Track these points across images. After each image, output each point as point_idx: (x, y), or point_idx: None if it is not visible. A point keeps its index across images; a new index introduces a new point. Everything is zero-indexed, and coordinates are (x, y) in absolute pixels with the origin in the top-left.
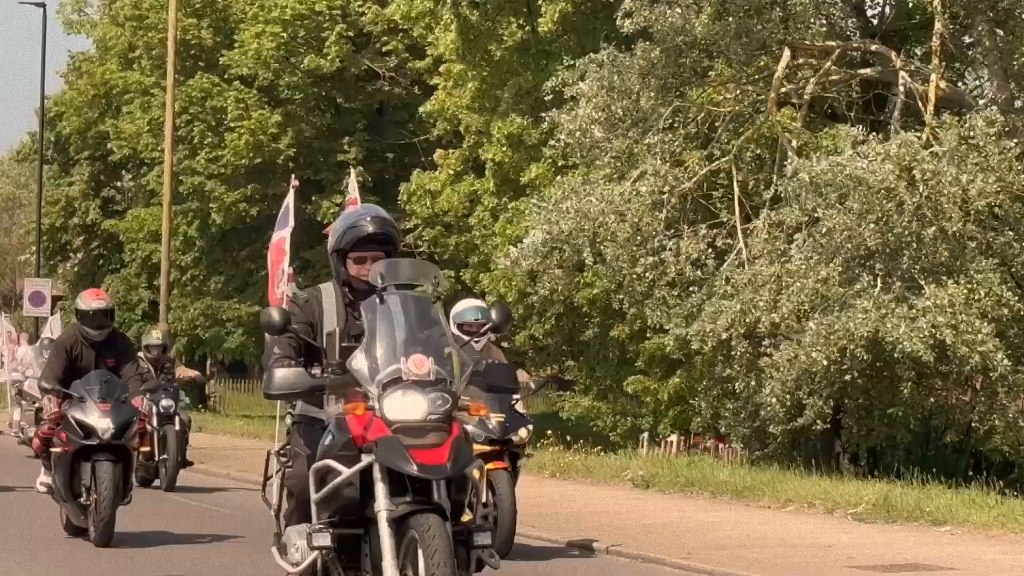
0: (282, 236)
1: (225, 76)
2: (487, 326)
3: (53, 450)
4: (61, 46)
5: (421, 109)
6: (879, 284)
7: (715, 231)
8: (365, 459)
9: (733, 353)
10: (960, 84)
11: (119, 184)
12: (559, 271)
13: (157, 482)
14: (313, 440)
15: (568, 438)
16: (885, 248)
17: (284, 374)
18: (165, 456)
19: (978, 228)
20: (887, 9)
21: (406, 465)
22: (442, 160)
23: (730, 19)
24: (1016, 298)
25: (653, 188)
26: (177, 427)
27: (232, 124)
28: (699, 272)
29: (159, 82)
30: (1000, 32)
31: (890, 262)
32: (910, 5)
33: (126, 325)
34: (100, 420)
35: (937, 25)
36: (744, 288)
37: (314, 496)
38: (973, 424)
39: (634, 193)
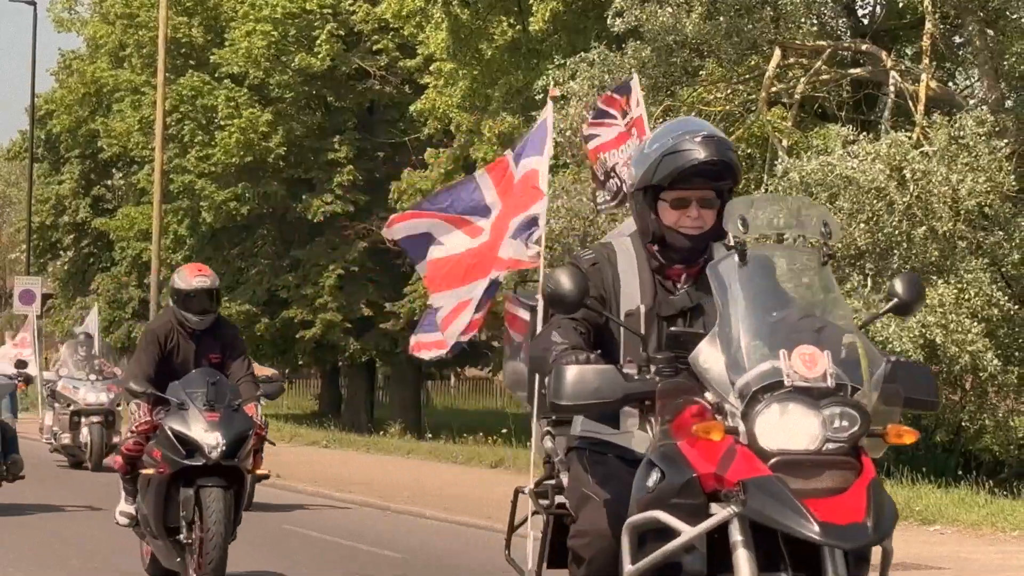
0: (533, 168)
1: (216, 74)
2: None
3: (143, 472)
4: (52, 44)
5: (412, 108)
6: (869, 284)
7: None
8: (720, 511)
9: None
10: (950, 84)
11: (109, 182)
12: (548, 270)
13: None
14: (608, 477)
15: None
16: (875, 247)
17: (584, 374)
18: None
19: (968, 228)
20: (878, 9)
21: (800, 522)
22: (433, 159)
23: (721, 18)
24: (1006, 298)
25: None
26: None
27: (222, 122)
28: None
29: (150, 80)
30: (990, 32)
31: (880, 261)
32: (900, 5)
33: (115, 324)
34: (207, 434)
35: (927, 25)
36: None
37: (628, 568)
38: (963, 423)
39: None
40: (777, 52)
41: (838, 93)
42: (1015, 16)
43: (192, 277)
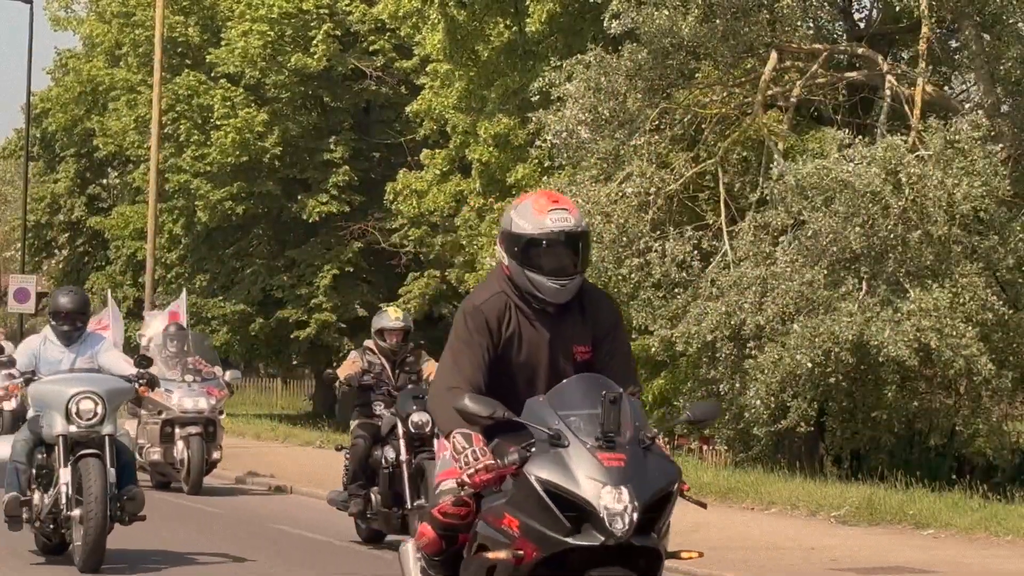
0: None
1: (212, 74)
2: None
3: (481, 555)
4: (48, 43)
5: (408, 109)
6: (864, 287)
7: (701, 233)
8: None
9: (718, 355)
10: (946, 88)
11: (105, 181)
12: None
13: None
14: None
15: None
16: (870, 251)
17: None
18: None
19: (963, 232)
20: (874, 12)
21: None
22: (428, 160)
23: (717, 21)
24: (1000, 302)
25: (639, 189)
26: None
27: (218, 122)
28: (684, 274)
29: (146, 79)
30: (987, 36)
31: (875, 265)
32: (897, 9)
33: None
34: (607, 492)
35: (924, 29)
36: (729, 290)
37: None
38: (957, 427)
39: (620, 194)
40: (773, 55)
41: (834, 96)
42: (1011, 21)
43: (545, 213)
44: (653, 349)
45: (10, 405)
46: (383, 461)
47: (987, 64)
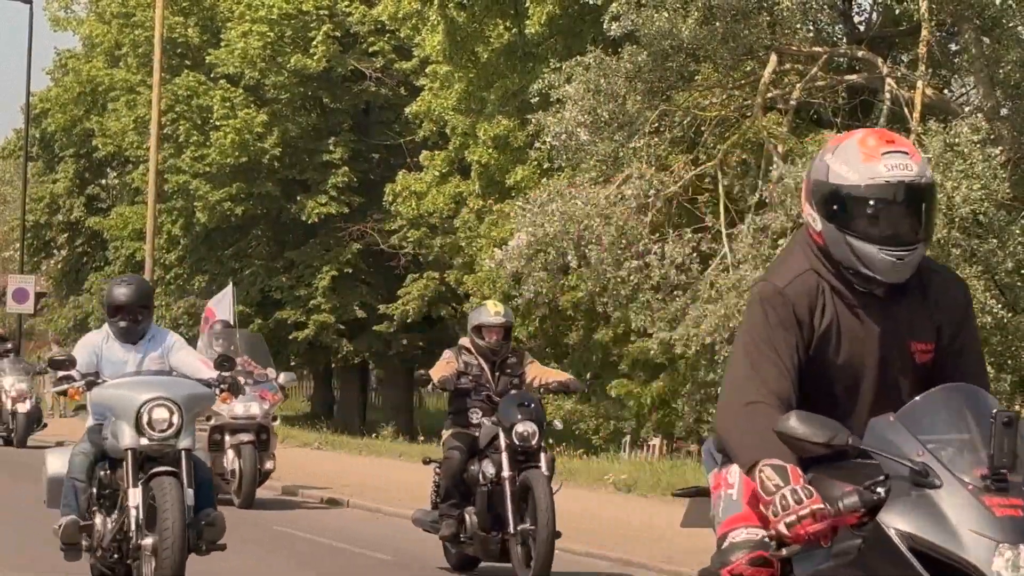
0: None
1: (211, 75)
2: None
3: None
4: (47, 43)
5: (407, 110)
6: None
7: (700, 235)
8: None
9: (717, 357)
10: (946, 91)
11: (104, 182)
12: (543, 273)
13: None
14: None
15: (550, 441)
16: None
17: None
18: None
19: (962, 235)
20: (874, 15)
21: None
22: (427, 161)
23: (717, 23)
24: (1000, 305)
25: (638, 191)
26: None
27: (218, 123)
28: (683, 276)
29: (145, 80)
30: (986, 40)
31: None
32: (897, 12)
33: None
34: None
35: (924, 32)
36: (728, 292)
37: None
38: None
39: (619, 196)
40: (773, 58)
41: (834, 99)
42: (1011, 24)
43: (877, 158)
44: (652, 351)
45: (24, 407)
46: (481, 477)
47: (987, 67)
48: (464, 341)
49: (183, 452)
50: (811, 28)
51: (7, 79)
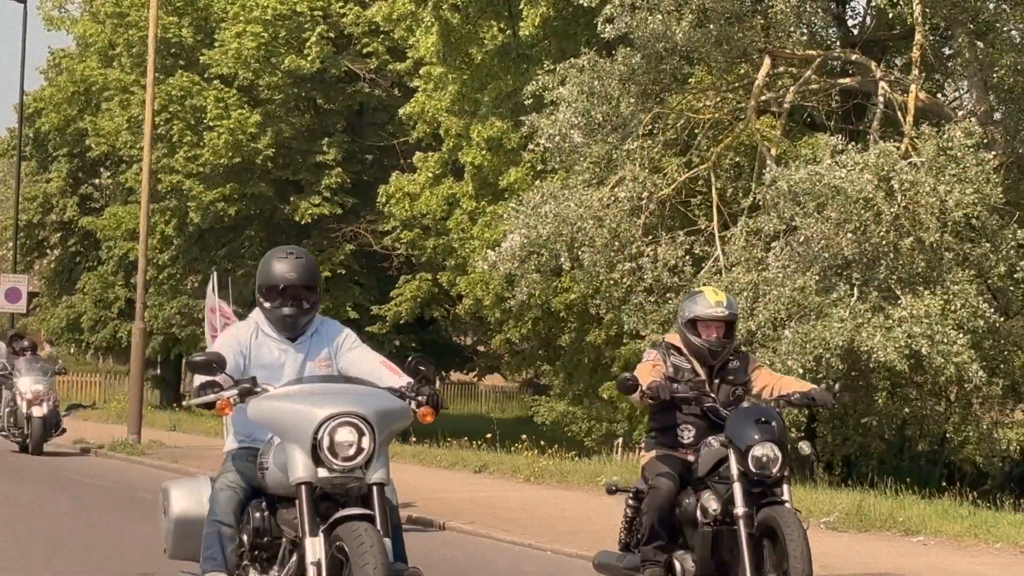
0: None
1: (205, 75)
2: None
3: None
4: (41, 42)
5: (401, 111)
6: (856, 293)
7: (693, 238)
8: None
9: None
10: (939, 95)
11: (97, 181)
12: (536, 275)
13: None
14: None
15: (542, 443)
16: (862, 258)
17: None
18: None
19: (955, 239)
20: (868, 19)
21: None
22: (421, 162)
23: (711, 26)
24: (992, 309)
25: (631, 194)
26: None
27: (211, 123)
28: (676, 279)
29: (139, 80)
30: (980, 44)
31: (867, 272)
32: (891, 15)
33: (101, 323)
34: None
35: (917, 36)
36: None
37: None
38: (947, 434)
39: (612, 199)
40: (767, 60)
41: (827, 102)
42: (1004, 28)
43: None
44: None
45: (41, 411)
46: (699, 513)
47: (980, 71)
48: (672, 338)
49: (374, 488)
50: (805, 31)
51: (1, 78)
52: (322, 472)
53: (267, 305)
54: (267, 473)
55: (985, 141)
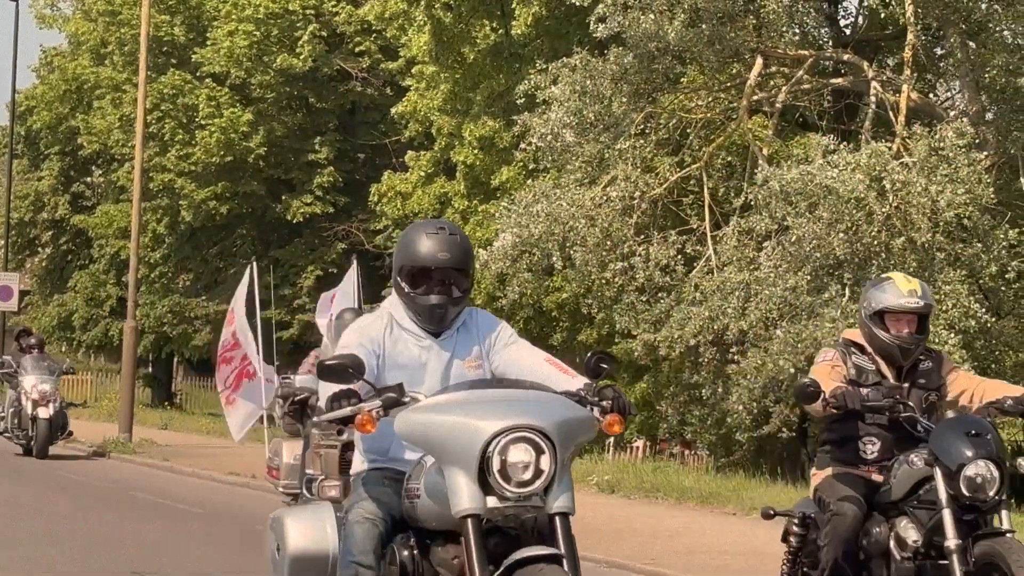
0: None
1: (197, 74)
2: None
3: None
4: (33, 40)
5: (393, 110)
6: (847, 293)
7: (685, 237)
8: None
9: (700, 360)
10: (931, 95)
11: (89, 180)
12: (528, 274)
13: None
14: None
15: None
16: (854, 257)
17: None
18: None
19: (947, 239)
20: (860, 19)
21: None
22: (413, 161)
23: (703, 26)
24: (983, 310)
25: (623, 193)
26: None
27: (203, 121)
28: (668, 278)
29: (131, 78)
30: (972, 44)
31: (859, 271)
32: (883, 16)
33: (93, 322)
34: None
35: (909, 36)
36: (713, 295)
37: None
38: None
39: (604, 198)
40: (759, 60)
41: (819, 102)
42: (996, 29)
43: None
44: (636, 353)
45: (47, 412)
46: (894, 545)
47: (972, 71)
48: (851, 334)
49: (557, 519)
50: (797, 31)
51: None
52: (492, 501)
53: (410, 291)
54: (418, 503)
55: (977, 141)
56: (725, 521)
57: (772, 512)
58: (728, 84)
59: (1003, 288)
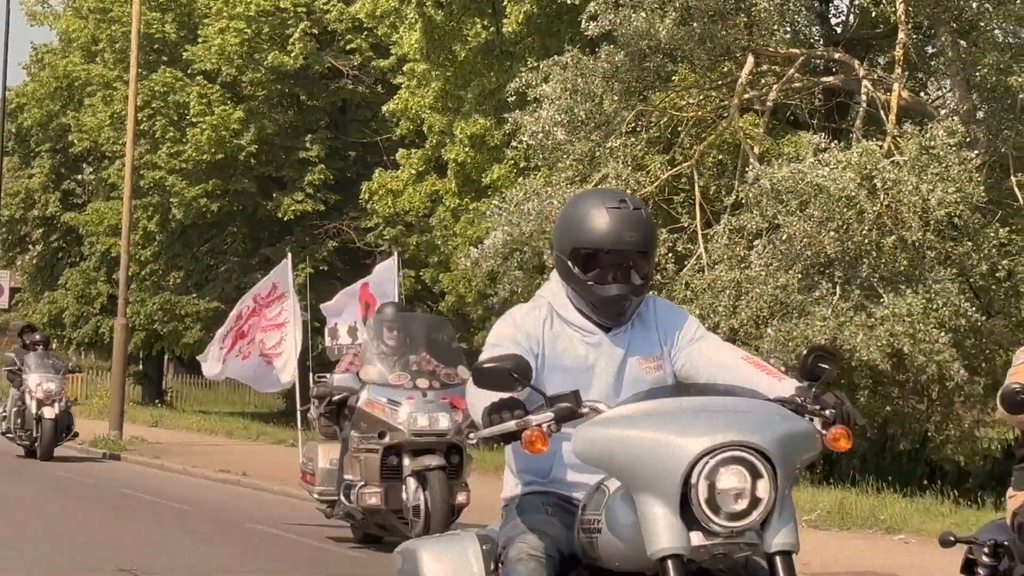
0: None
1: (188, 71)
2: None
3: None
4: (24, 37)
5: (384, 108)
6: (838, 292)
7: (676, 236)
8: None
9: None
10: (922, 94)
11: (80, 177)
12: (519, 273)
13: None
14: None
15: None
16: (844, 256)
17: None
18: None
19: (937, 238)
20: (851, 17)
21: None
22: (404, 159)
23: (694, 24)
24: (973, 308)
25: None
26: None
27: (194, 119)
28: (659, 276)
29: (122, 76)
30: (963, 43)
31: (849, 270)
32: (874, 14)
33: (83, 319)
34: None
35: (900, 35)
36: (703, 293)
37: None
38: (928, 433)
39: None
40: (750, 59)
41: (810, 101)
42: (988, 27)
43: None
44: None
45: (52, 412)
46: None
47: (963, 70)
48: None
49: (778, 559)
50: (788, 30)
51: None
52: (696, 538)
53: (582, 277)
54: (598, 538)
55: (967, 140)
56: None
57: (952, 539)
58: (719, 82)
59: (993, 287)
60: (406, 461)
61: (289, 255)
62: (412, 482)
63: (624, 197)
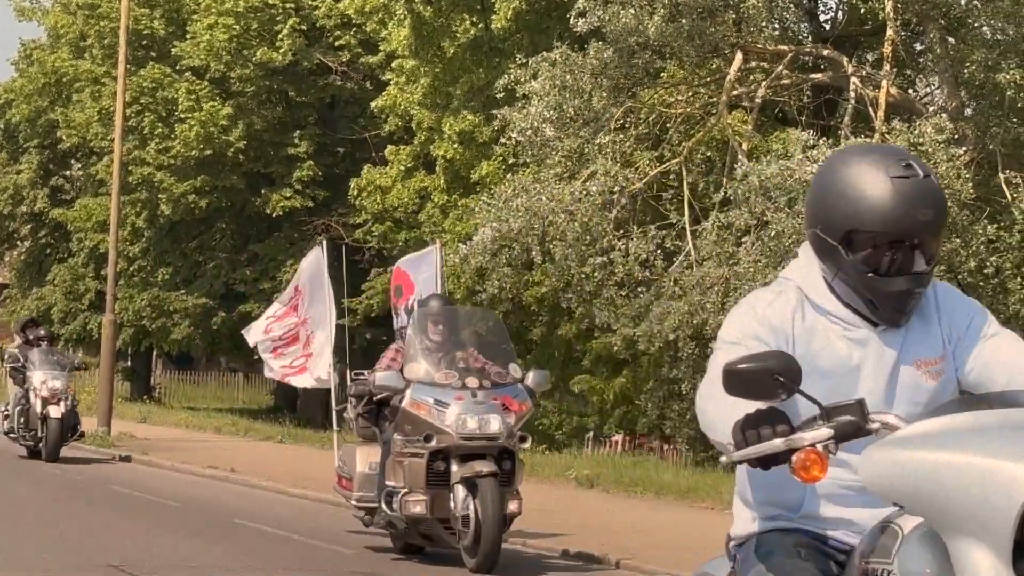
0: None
1: (177, 67)
2: None
3: None
4: (12, 33)
5: (373, 104)
6: None
7: (664, 232)
8: None
9: (680, 354)
10: (911, 91)
11: (68, 173)
12: (508, 269)
13: None
14: None
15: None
16: None
17: None
18: None
19: None
20: (839, 14)
21: None
22: (393, 156)
23: (683, 21)
24: None
25: (603, 188)
26: None
27: (183, 115)
28: (647, 273)
29: (110, 71)
30: (951, 40)
31: None
32: (862, 11)
33: (72, 315)
34: None
35: (889, 31)
36: (692, 289)
37: None
38: None
39: (584, 193)
40: (739, 55)
41: (799, 98)
42: (976, 24)
43: None
44: (615, 348)
45: (58, 411)
46: None
47: (951, 67)
48: None
49: None
50: (777, 26)
51: None
52: None
53: (863, 268)
54: None
55: (956, 137)
56: (704, 516)
57: None
58: (708, 79)
59: (982, 283)
60: (454, 467)
61: (323, 243)
62: (461, 489)
63: (909, 160)
